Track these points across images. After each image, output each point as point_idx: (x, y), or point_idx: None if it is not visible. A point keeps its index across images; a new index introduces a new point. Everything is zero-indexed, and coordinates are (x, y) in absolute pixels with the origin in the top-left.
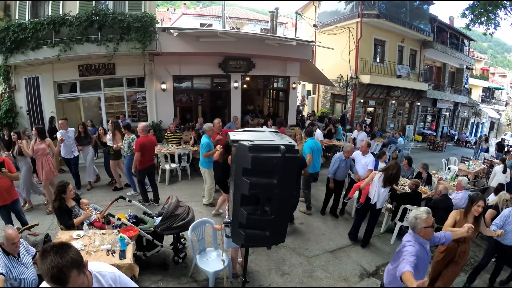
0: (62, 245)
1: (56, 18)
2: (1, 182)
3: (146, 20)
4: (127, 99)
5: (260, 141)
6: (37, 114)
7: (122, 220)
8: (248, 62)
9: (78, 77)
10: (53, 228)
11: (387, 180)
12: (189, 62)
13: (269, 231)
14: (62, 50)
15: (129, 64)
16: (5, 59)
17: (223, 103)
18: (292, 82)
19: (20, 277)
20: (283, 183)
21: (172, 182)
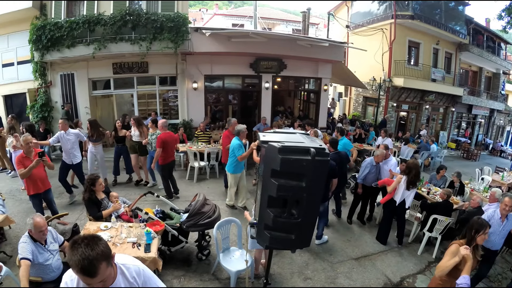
0: (92, 237)
1: (91, 18)
2: (37, 172)
3: (178, 20)
4: (159, 97)
5: (290, 143)
6: (72, 108)
7: (149, 215)
8: (280, 63)
9: (112, 74)
10: (82, 218)
11: (410, 182)
12: (221, 62)
13: (295, 234)
14: (96, 49)
15: (162, 63)
16: (41, 56)
17: (254, 103)
18: (323, 84)
19: (45, 263)
20: (311, 186)
21: (200, 179)
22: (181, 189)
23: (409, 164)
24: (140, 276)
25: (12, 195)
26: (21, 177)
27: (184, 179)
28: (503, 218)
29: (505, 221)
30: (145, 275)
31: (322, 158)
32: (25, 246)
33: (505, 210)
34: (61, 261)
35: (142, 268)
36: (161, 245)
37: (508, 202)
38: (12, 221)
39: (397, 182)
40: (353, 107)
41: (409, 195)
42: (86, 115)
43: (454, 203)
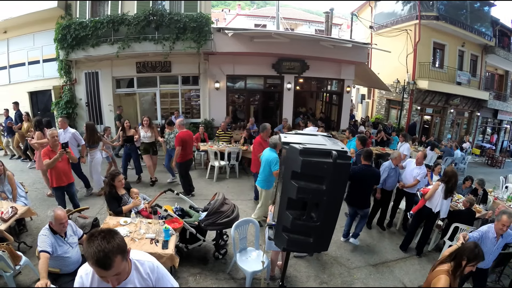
0: (109, 231)
1: (115, 18)
2: (61, 165)
3: (201, 20)
4: (181, 96)
5: (312, 145)
6: (96, 106)
7: (168, 212)
8: (302, 64)
9: (135, 73)
10: (102, 213)
11: (448, 191)
12: (243, 62)
13: (313, 238)
14: (120, 48)
15: (185, 62)
16: (66, 55)
17: (275, 104)
18: (346, 86)
19: (64, 256)
20: (332, 189)
21: (220, 179)
22: (200, 187)
23: (448, 172)
24: (154, 273)
25: (35, 188)
26: (46, 167)
27: (204, 178)
28: (498, 237)
29: (500, 240)
30: (159, 272)
31: (343, 161)
32: (45, 238)
33: (501, 230)
34: (80, 254)
35: (156, 265)
36: (178, 242)
37: (507, 221)
38: (33, 213)
39: (434, 190)
40: (376, 109)
41: (444, 204)
42: (110, 112)
43: (476, 211)
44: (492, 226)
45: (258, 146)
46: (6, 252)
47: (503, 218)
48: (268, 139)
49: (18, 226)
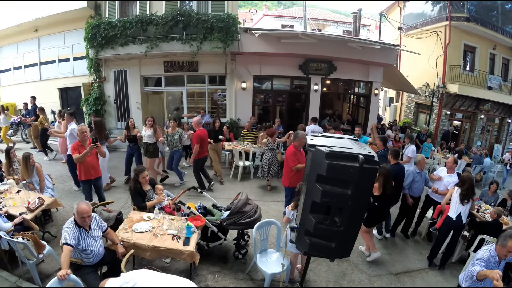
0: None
1: (144, 18)
2: (90, 159)
3: (228, 20)
4: (208, 95)
5: (338, 148)
6: (123, 103)
7: (191, 209)
8: (329, 65)
9: (163, 72)
10: (126, 207)
11: (464, 196)
12: (270, 63)
13: (335, 243)
14: (148, 47)
15: (212, 62)
16: (96, 53)
17: (302, 105)
18: (374, 88)
19: (87, 248)
20: (357, 194)
21: (243, 179)
22: (224, 186)
23: (463, 177)
24: None
25: (63, 180)
26: (76, 161)
27: (228, 177)
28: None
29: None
30: None
31: (370, 166)
32: (69, 231)
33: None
34: (103, 247)
35: None
36: (200, 240)
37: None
38: (60, 204)
39: (450, 194)
40: (404, 113)
41: (464, 210)
42: (137, 110)
43: (504, 223)
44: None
45: (292, 157)
46: (30, 241)
47: (509, 244)
48: (301, 148)
49: (44, 216)
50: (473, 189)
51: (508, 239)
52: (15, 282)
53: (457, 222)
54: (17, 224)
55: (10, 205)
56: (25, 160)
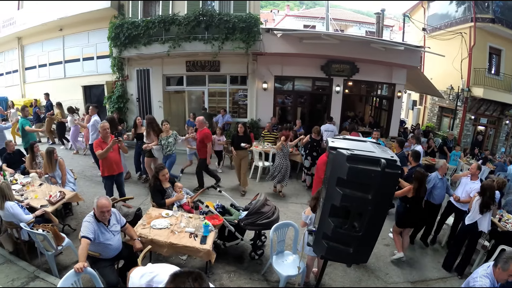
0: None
1: (166, 18)
2: (113, 155)
3: (250, 21)
4: (229, 95)
5: (360, 152)
6: (146, 101)
7: (209, 208)
8: (352, 66)
9: (185, 72)
10: (145, 203)
11: (484, 205)
12: (291, 63)
13: (353, 248)
14: (171, 47)
15: (233, 62)
16: (119, 52)
17: (323, 106)
18: (397, 90)
19: (106, 243)
20: (378, 199)
21: (262, 179)
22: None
23: (484, 185)
24: None
25: (84, 175)
26: (100, 157)
27: (247, 177)
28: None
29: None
30: None
31: (392, 170)
32: (88, 225)
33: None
34: (121, 242)
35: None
36: (217, 239)
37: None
38: (80, 198)
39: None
40: (427, 117)
41: (482, 219)
42: (159, 108)
43: None
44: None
45: (324, 166)
46: (50, 233)
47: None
48: None
49: (65, 209)
50: (493, 198)
51: (510, 262)
52: (32, 272)
53: (472, 228)
54: (37, 216)
55: (32, 198)
56: (48, 155)
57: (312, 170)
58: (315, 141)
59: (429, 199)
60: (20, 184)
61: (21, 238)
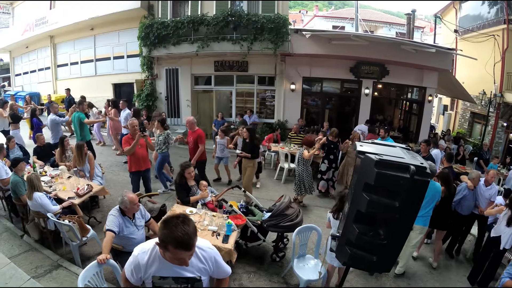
0: (185, 216)
1: (195, 18)
2: (140, 151)
3: (279, 21)
4: (256, 95)
5: (389, 157)
6: (174, 100)
7: (233, 208)
8: (382, 68)
9: (213, 71)
10: (170, 200)
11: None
12: (320, 65)
13: (377, 256)
14: (200, 47)
15: (261, 63)
16: (149, 51)
17: (351, 109)
18: (428, 94)
19: (130, 236)
20: (405, 207)
21: (288, 181)
22: (267, 188)
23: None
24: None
25: (112, 170)
26: (127, 153)
27: (272, 179)
28: None
29: None
30: (216, 260)
31: (422, 178)
32: (114, 219)
33: None
34: (145, 236)
35: (214, 255)
36: (239, 239)
37: None
38: (107, 192)
39: (497, 212)
40: (458, 123)
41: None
42: (187, 107)
43: None
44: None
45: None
46: (76, 224)
47: None
48: None
49: (91, 202)
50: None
51: None
52: (56, 261)
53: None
54: (64, 208)
55: (60, 190)
56: (78, 149)
57: (328, 175)
58: (332, 143)
59: (457, 209)
60: (49, 176)
61: (47, 228)
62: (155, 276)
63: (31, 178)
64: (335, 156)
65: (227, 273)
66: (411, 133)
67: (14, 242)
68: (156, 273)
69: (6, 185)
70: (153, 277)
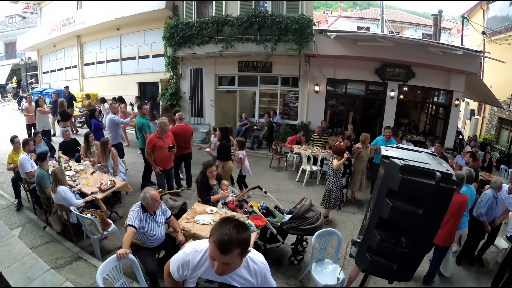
0: (243, 224)
1: (219, 19)
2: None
3: (303, 22)
4: (280, 96)
5: (414, 162)
6: (198, 100)
7: (253, 208)
8: (407, 71)
9: (237, 72)
10: (191, 198)
11: None
12: (344, 66)
13: (397, 264)
14: (224, 47)
15: (285, 64)
16: (173, 51)
17: (376, 112)
18: (455, 98)
19: (150, 232)
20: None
21: (309, 183)
22: (288, 189)
23: None
24: (261, 275)
25: (135, 167)
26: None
27: (294, 181)
28: None
29: None
30: (266, 276)
31: (447, 185)
32: (135, 214)
33: None
34: (165, 233)
35: (266, 270)
36: (257, 240)
37: None
38: (129, 188)
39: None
40: (485, 128)
41: None
42: (211, 107)
43: None
44: None
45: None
46: (98, 218)
47: None
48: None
49: (114, 197)
50: None
51: None
52: (77, 253)
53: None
54: (87, 202)
55: (84, 184)
56: (103, 145)
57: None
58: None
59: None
60: (73, 171)
61: (69, 221)
62: (201, 278)
63: (55, 172)
64: (349, 161)
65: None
66: (437, 138)
67: (37, 233)
68: (204, 275)
69: (31, 178)
70: (199, 279)
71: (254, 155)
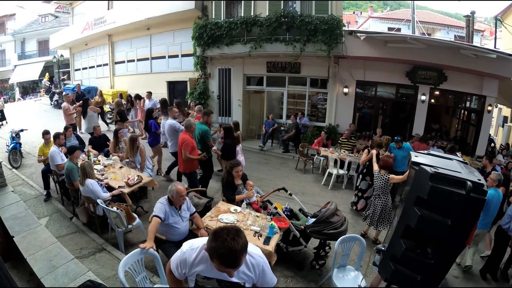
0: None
1: (248, 19)
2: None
3: (332, 22)
4: (308, 98)
5: (445, 171)
6: (226, 99)
7: (277, 210)
8: (439, 74)
9: (265, 72)
10: (216, 197)
11: None
12: (374, 68)
13: (421, 276)
14: (252, 48)
15: (314, 65)
16: (202, 51)
17: (406, 116)
18: (488, 104)
19: (174, 225)
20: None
21: (335, 187)
22: (313, 193)
23: None
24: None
25: (162, 164)
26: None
27: (319, 184)
28: None
29: None
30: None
31: (478, 196)
32: (161, 206)
33: None
34: (188, 228)
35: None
36: (280, 242)
37: None
38: (155, 184)
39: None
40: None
41: None
42: (238, 107)
43: None
44: None
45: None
46: (123, 212)
47: None
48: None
49: (140, 192)
50: None
51: None
52: (101, 244)
53: None
54: (114, 195)
55: (111, 178)
56: (131, 141)
57: (368, 193)
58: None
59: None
60: (102, 165)
61: (95, 213)
62: (199, 275)
63: (84, 165)
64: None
65: (272, 283)
66: (468, 145)
67: (63, 223)
68: (201, 272)
69: (61, 170)
70: (197, 276)
71: (281, 157)
